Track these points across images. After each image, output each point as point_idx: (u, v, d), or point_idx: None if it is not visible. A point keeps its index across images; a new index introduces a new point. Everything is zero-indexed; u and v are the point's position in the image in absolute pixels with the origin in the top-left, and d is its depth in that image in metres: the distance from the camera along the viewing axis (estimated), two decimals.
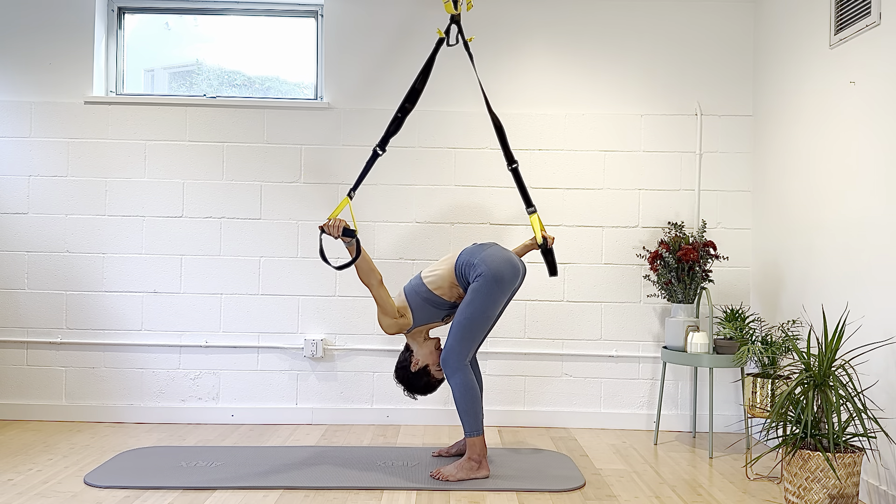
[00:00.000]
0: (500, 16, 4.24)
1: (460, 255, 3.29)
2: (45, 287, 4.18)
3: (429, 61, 3.50)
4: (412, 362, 3.40)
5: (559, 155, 4.25)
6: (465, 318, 3.20)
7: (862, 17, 3.17)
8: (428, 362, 3.39)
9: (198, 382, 4.20)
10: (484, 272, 3.16)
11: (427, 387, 3.43)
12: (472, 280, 3.20)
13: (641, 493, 3.09)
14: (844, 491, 2.73)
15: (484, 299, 3.18)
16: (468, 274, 3.22)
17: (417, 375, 3.39)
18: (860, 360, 3.03)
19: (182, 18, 4.45)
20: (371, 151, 3.43)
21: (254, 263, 4.21)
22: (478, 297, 3.18)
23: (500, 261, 3.21)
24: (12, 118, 4.19)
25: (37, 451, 3.56)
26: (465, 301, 3.21)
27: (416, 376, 3.40)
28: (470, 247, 3.34)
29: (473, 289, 3.19)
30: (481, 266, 3.18)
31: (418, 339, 3.40)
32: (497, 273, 3.17)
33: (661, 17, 4.25)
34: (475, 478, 3.18)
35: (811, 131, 3.59)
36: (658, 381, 4.18)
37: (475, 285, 3.19)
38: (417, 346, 3.41)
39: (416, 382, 3.41)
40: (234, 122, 4.23)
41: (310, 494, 3.00)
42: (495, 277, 3.17)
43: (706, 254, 3.87)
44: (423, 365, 3.38)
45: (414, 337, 3.40)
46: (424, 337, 3.42)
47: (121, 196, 4.20)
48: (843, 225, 3.28)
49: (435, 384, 3.43)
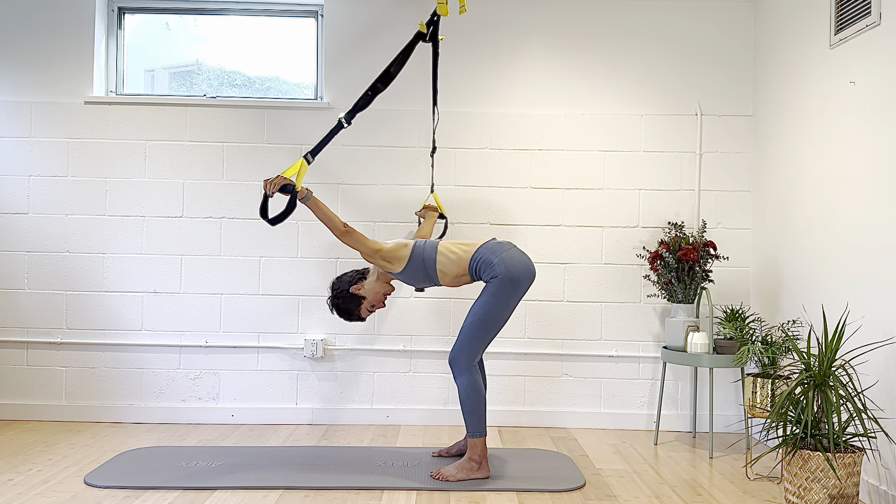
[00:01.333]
0: (500, 16, 4.24)
1: (479, 250, 3.24)
2: (45, 287, 4.18)
3: (406, 48, 3.58)
4: (357, 284, 3.39)
5: (559, 155, 4.25)
6: (478, 319, 3.19)
7: (862, 17, 3.17)
8: (368, 297, 3.39)
9: (198, 382, 4.20)
10: (502, 274, 3.15)
11: (348, 313, 3.42)
12: (488, 279, 3.19)
13: (641, 493, 3.09)
14: (844, 491, 2.72)
15: (499, 301, 3.17)
16: (483, 271, 3.21)
17: (350, 298, 3.38)
18: (860, 360, 3.03)
19: (182, 18, 4.45)
20: (336, 121, 3.46)
21: (254, 263, 4.21)
22: (493, 298, 3.17)
23: (519, 264, 3.19)
24: (12, 118, 4.19)
25: (37, 451, 3.56)
26: (480, 301, 3.19)
27: (348, 298, 3.38)
28: (490, 243, 3.28)
29: (489, 290, 3.18)
30: (500, 267, 3.16)
31: (381, 276, 3.40)
32: (515, 276, 3.16)
33: (660, 18, 4.25)
34: (475, 478, 3.18)
35: (811, 131, 3.59)
36: (658, 381, 4.18)
37: (491, 287, 3.17)
38: (373, 279, 3.40)
39: (344, 302, 3.39)
40: (234, 122, 4.23)
41: (310, 494, 3.00)
42: (512, 280, 3.16)
43: (706, 254, 3.87)
44: (363, 296, 3.38)
45: (377, 271, 3.40)
46: (386, 279, 3.42)
47: (121, 196, 4.20)
48: (844, 225, 3.28)
49: (355, 317, 3.43)
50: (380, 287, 3.41)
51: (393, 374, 4.22)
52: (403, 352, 4.22)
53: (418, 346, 4.22)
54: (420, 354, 4.22)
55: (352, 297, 3.39)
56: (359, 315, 3.44)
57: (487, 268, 3.19)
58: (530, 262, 3.25)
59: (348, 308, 3.41)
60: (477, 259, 3.23)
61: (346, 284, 3.40)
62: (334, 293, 3.42)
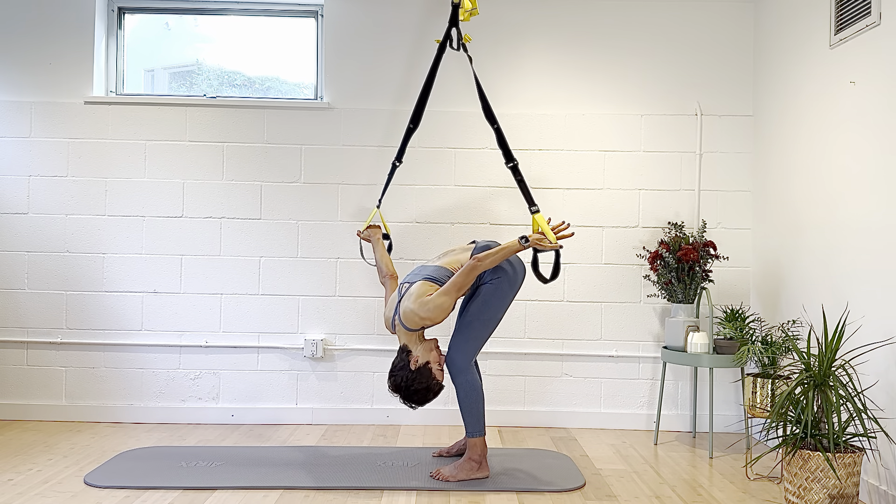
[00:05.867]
0: (501, 16, 4.24)
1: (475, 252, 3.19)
2: (45, 287, 4.18)
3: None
4: (411, 360, 3.14)
5: (559, 155, 4.25)
6: (476, 319, 3.19)
7: (862, 17, 3.17)
8: (428, 359, 3.14)
9: (198, 382, 4.20)
10: (501, 274, 3.18)
11: (427, 390, 3.12)
12: (486, 280, 3.19)
13: (641, 493, 3.09)
14: (844, 491, 2.72)
15: (497, 301, 3.19)
16: (483, 275, 3.20)
17: (419, 375, 3.10)
18: (860, 360, 3.03)
19: (182, 18, 4.45)
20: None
21: (254, 263, 4.21)
22: (492, 298, 3.18)
23: (515, 264, 3.24)
24: (12, 118, 4.19)
25: (37, 451, 3.56)
26: (478, 301, 3.20)
27: (417, 376, 3.10)
28: (483, 243, 3.24)
29: (487, 290, 3.19)
30: (498, 268, 3.18)
31: (419, 338, 3.22)
32: (512, 277, 3.20)
33: (661, 18, 4.25)
34: (475, 478, 3.18)
35: (811, 131, 3.59)
36: (658, 381, 4.17)
37: (490, 287, 3.18)
38: (416, 344, 3.17)
39: (416, 384, 3.10)
40: (234, 122, 4.23)
41: (310, 494, 3.00)
42: (510, 281, 3.19)
43: (706, 254, 3.87)
44: (424, 362, 3.13)
45: (415, 336, 3.19)
46: (421, 335, 3.21)
47: (121, 196, 4.20)
48: (844, 225, 3.28)
49: (436, 387, 3.14)
50: (427, 344, 3.18)
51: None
52: None
53: None
54: None
55: (419, 374, 3.10)
56: (438, 382, 3.14)
57: (486, 271, 3.20)
58: (522, 262, 3.30)
59: (426, 386, 3.11)
60: None
61: (405, 370, 3.11)
62: (406, 386, 3.10)
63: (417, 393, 3.11)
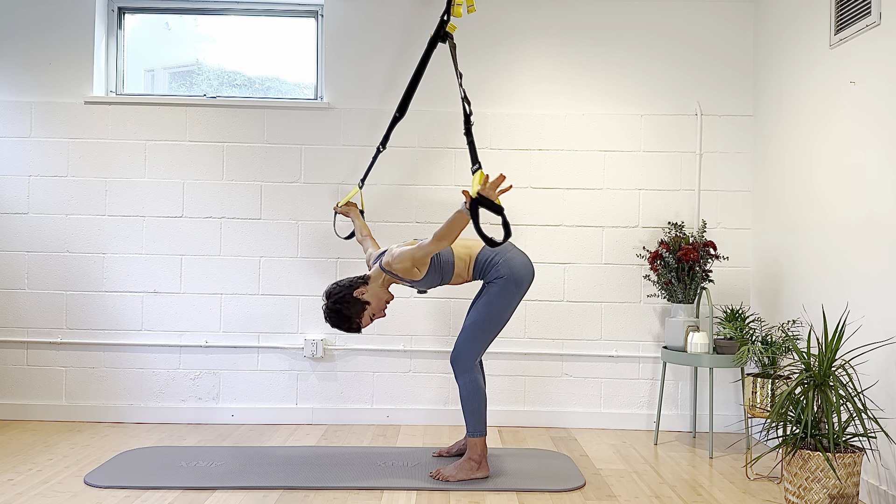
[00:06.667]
0: (501, 16, 4.24)
1: (483, 250, 3.21)
2: (45, 287, 4.18)
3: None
4: (359, 289, 3.14)
5: (559, 155, 4.25)
6: (481, 320, 3.19)
7: (862, 17, 3.17)
8: (371, 302, 3.15)
9: (198, 382, 4.20)
10: (506, 275, 3.17)
11: (346, 319, 3.14)
12: (491, 279, 3.19)
13: (641, 493, 3.09)
14: (844, 491, 2.72)
15: (503, 301, 3.18)
16: (487, 271, 3.21)
17: (351, 303, 3.12)
18: (860, 360, 3.03)
19: (182, 18, 4.45)
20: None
21: (254, 263, 4.21)
22: (497, 299, 3.18)
23: (521, 265, 3.21)
24: (12, 118, 4.19)
25: (37, 451, 3.56)
26: (483, 302, 3.20)
27: (349, 302, 3.11)
28: None
29: (492, 290, 3.18)
30: (504, 268, 3.17)
31: (384, 282, 3.20)
32: (518, 277, 3.18)
33: (661, 18, 4.25)
34: (475, 478, 3.18)
35: (811, 131, 3.59)
36: (658, 381, 4.18)
37: (495, 288, 3.18)
38: (376, 285, 3.17)
39: (344, 307, 3.11)
40: (234, 122, 4.23)
41: (310, 494, 3.00)
42: (516, 281, 3.18)
43: (706, 254, 3.87)
44: (366, 301, 3.14)
45: (381, 277, 3.19)
46: (388, 284, 3.21)
47: (121, 196, 4.20)
48: (844, 225, 3.28)
49: (355, 325, 3.15)
50: (383, 293, 3.20)
51: (393, 374, 4.22)
52: (403, 352, 4.22)
53: (418, 346, 4.22)
54: (420, 354, 4.22)
55: (355, 301, 3.14)
56: (359, 323, 3.17)
57: (492, 268, 3.20)
58: (531, 263, 3.28)
59: (349, 314, 3.14)
60: (482, 260, 3.24)
61: (348, 288, 3.14)
62: (334, 297, 3.14)
63: (337, 313, 3.14)
